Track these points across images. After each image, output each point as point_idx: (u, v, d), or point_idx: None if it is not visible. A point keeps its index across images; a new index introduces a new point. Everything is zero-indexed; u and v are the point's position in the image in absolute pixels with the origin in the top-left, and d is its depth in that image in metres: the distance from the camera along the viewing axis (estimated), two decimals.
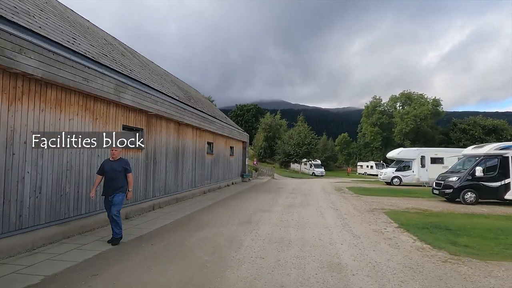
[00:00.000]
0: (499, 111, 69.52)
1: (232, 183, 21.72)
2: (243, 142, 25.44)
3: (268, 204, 12.56)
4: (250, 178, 26.38)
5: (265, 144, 59.61)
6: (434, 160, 25.34)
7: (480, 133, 63.51)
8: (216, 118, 18.12)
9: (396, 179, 25.73)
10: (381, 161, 67.72)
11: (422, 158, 25.45)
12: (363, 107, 79.22)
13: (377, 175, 64.38)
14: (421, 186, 24.84)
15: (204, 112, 15.94)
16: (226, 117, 26.64)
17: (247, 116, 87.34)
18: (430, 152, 25.86)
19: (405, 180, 25.57)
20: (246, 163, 25.94)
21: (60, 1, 10.96)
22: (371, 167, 64.61)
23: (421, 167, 25.25)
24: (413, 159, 25.66)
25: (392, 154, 27.89)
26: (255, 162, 33.47)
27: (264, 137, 59.97)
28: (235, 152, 22.88)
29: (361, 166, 68.64)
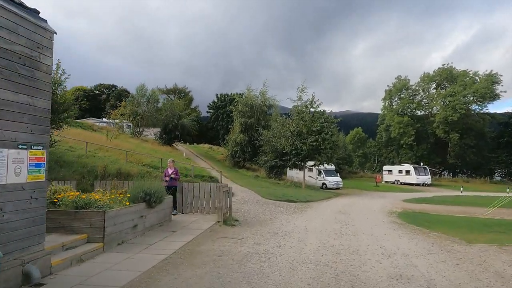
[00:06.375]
0: (508, 111, 52.63)
1: None
2: None
3: None
4: None
5: (243, 137, 33.88)
6: None
7: None
8: None
9: None
10: (422, 164, 46.10)
11: None
12: (364, 111, 57.84)
13: (418, 184, 43.31)
14: None
15: None
16: None
17: (230, 108, 65.86)
18: None
19: None
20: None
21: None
22: (407, 172, 42.93)
23: None
24: None
25: None
26: (169, 173, 11.25)
27: (241, 126, 34.34)
28: None
29: (390, 171, 46.80)
